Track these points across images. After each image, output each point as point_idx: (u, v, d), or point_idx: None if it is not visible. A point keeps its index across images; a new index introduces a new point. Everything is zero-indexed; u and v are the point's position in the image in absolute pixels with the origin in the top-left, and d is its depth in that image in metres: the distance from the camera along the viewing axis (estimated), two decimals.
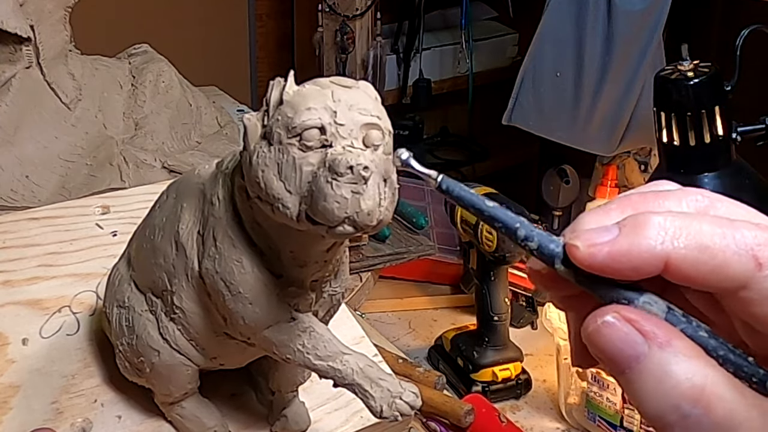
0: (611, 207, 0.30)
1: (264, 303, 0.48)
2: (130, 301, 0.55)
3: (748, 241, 0.27)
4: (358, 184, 0.41)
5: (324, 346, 0.49)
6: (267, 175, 0.42)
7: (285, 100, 0.43)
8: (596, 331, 0.28)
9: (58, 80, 1.09)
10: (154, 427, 0.59)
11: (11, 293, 0.64)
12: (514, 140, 1.85)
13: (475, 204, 0.32)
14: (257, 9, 1.91)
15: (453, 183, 0.33)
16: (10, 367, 0.60)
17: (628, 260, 0.28)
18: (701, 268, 0.28)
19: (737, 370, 0.28)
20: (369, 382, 0.48)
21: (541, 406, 1.10)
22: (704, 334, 0.28)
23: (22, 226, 0.68)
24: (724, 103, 0.93)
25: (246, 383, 0.63)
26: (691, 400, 0.27)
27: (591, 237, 0.29)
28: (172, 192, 0.53)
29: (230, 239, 0.47)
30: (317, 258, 0.48)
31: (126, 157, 1.10)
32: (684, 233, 0.28)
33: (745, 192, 0.95)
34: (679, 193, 0.31)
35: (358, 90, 0.44)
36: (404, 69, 1.83)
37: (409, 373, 1.02)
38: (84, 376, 0.60)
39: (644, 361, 0.28)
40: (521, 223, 0.31)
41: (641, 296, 0.29)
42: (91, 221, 0.58)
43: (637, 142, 1.38)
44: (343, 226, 0.41)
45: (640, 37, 1.27)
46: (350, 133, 0.42)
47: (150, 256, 0.53)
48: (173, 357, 0.54)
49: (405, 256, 1.22)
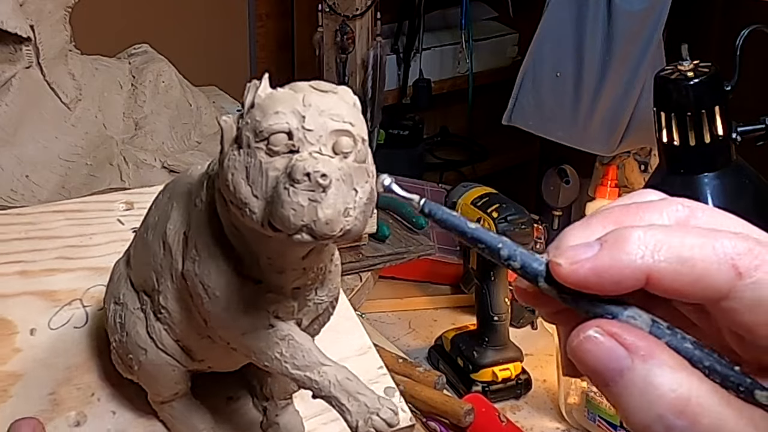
0: (593, 221, 0.31)
1: (240, 308, 0.47)
2: (124, 298, 0.55)
3: (727, 250, 0.28)
4: (315, 191, 0.39)
5: (302, 356, 0.48)
6: (236, 179, 0.42)
7: (256, 103, 0.43)
8: (579, 346, 0.29)
9: (58, 80, 1.09)
10: (146, 425, 0.59)
11: (27, 283, 0.64)
12: (514, 140, 1.86)
13: (457, 226, 0.33)
14: (257, 9, 1.91)
15: (435, 206, 0.34)
16: (15, 355, 0.60)
17: (610, 275, 0.28)
18: (682, 280, 0.28)
19: (724, 380, 0.28)
20: (346, 395, 0.47)
21: (541, 406, 1.10)
22: (689, 346, 0.29)
23: (47, 218, 0.69)
24: (724, 103, 0.93)
25: (243, 387, 0.63)
26: (675, 412, 0.27)
27: (573, 254, 0.29)
28: (167, 191, 0.53)
29: (209, 242, 0.47)
30: (295, 265, 0.47)
31: (126, 157, 1.10)
32: (664, 246, 0.28)
33: (745, 192, 0.95)
34: (661, 204, 0.31)
35: (334, 95, 0.43)
36: (404, 69, 1.83)
37: (409, 373, 1.02)
38: (84, 369, 0.61)
39: (628, 374, 0.28)
40: (504, 243, 0.31)
41: (625, 310, 0.29)
42: (114, 217, 0.58)
43: (637, 142, 1.38)
44: (301, 234, 0.40)
45: (640, 37, 1.27)
46: (319, 139, 0.41)
47: (142, 254, 0.53)
48: (159, 356, 0.54)
49: (405, 256, 1.22)
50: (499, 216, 1.09)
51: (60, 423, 0.58)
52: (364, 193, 0.42)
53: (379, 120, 1.70)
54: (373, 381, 0.63)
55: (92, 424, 0.58)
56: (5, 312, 0.62)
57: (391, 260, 1.21)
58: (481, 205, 1.13)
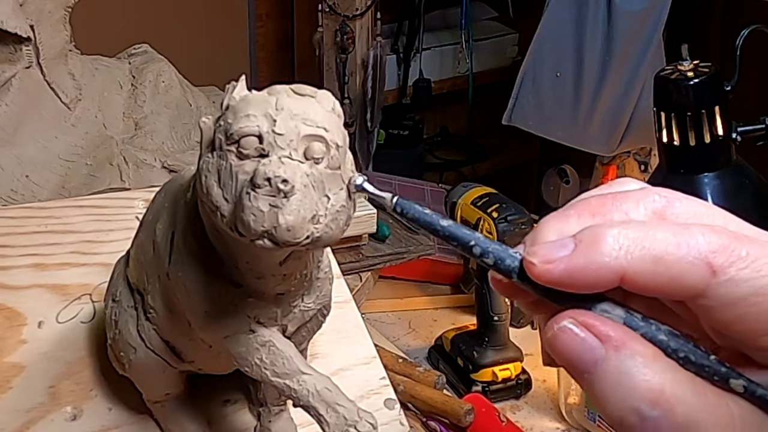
0: (570, 213, 0.31)
1: (221, 312, 0.47)
2: (120, 296, 0.55)
3: (701, 248, 0.28)
4: (276, 197, 0.39)
5: (283, 363, 0.47)
6: (209, 181, 0.41)
7: (230, 105, 0.42)
8: (554, 337, 0.29)
9: (58, 80, 1.09)
10: (141, 424, 0.59)
11: (40, 276, 0.65)
12: (514, 140, 1.86)
13: (430, 224, 0.32)
14: (257, 9, 1.92)
15: (407, 204, 0.33)
16: (20, 347, 0.61)
17: (583, 276, 0.28)
18: (657, 279, 0.28)
19: (699, 369, 0.28)
20: (325, 406, 0.46)
21: (541, 406, 1.10)
22: (664, 337, 0.29)
23: (66, 212, 0.69)
24: (724, 103, 0.93)
25: (241, 391, 0.63)
26: (650, 402, 0.27)
27: (546, 253, 0.29)
28: (163, 191, 0.53)
29: (192, 243, 0.46)
30: (273, 271, 0.46)
31: (126, 157, 1.10)
32: (638, 245, 0.28)
33: (745, 192, 0.95)
34: (638, 194, 0.31)
35: (310, 99, 0.42)
36: (404, 69, 1.83)
37: (409, 373, 1.02)
38: (85, 364, 0.61)
39: (602, 364, 0.28)
40: (476, 240, 0.31)
41: (599, 304, 0.29)
42: (133, 214, 0.58)
43: (637, 142, 1.38)
44: (262, 240, 0.39)
45: (640, 37, 1.27)
46: (289, 144, 0.40)
47: (137, 253, 0.53)
48: (148, 356, 0.54)
49: (405, 256, 1.22)
50: (499, 216, 1.09)
51: (56, 417, 0.58)
52: (337, 199, 0.41)
53: (379, 120, 1.70)
54: (375, 391, 0.63)
55: (88, 420, 0.59)
56: (16, 303, 0.63)
57: (391, 260, 1.21)
58: (481, 205, 1.13)
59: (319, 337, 0.64)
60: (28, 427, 0.57)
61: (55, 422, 0.58)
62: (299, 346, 0.52)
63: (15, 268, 0.65)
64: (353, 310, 0.68)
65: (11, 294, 0.63)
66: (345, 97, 1.67)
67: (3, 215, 0.69)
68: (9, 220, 0.69)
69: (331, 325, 0.64)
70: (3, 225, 0.68)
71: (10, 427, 0.57)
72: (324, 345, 0.64)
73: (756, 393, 0.28)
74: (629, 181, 0.32)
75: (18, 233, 0.67)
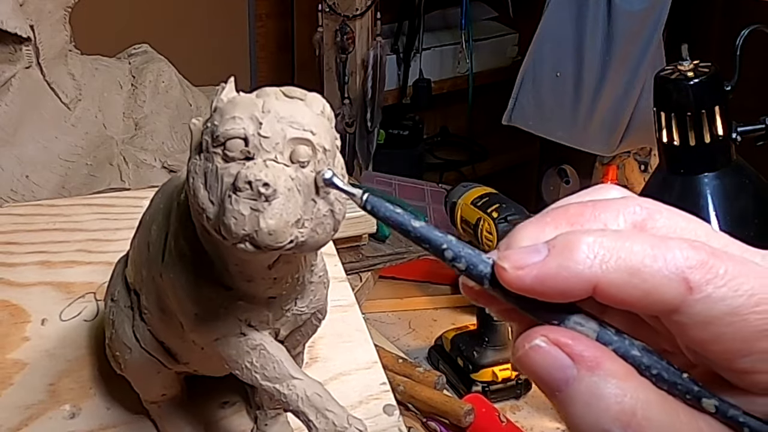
0: (546, 220, 0.30)
1: (210, 314, 0.47)
2: (118, 296, 0.55)
3: (679, 263, 0.27)
4: (257, 200, 0.38)
5: (273, 367, 0.47)
6: (196, 183, 0.41)
7: (217, 107, 0.42)
8: (525, 356, 0.28)
9: (58, 80, 1.09)
10: (138, 424, 0.59)
11: (46, 274, 0.65)
12: (514, 140, 1.86)
13: (401, 224, 0.31)
14: (257, 9, 1.92)
15: (378, 202, 0.32)
16: (23, 344, 0.61)
17: (555, 284, 0.27)
18: (631, 292, 0.27)
19: (671, 387, 0.28)
20: (314, 411, 0.46)
21: (541, 406, 1.10)
22: (637, 353, 0.28)
23: (75, 210, 0.70)
24: (724, 103, 0.93)
25: (239, 394, 0.63)
26: (621, 425, 0.27)
27: (519, 258, 0.28)
28: (160, 192, 0.53)
29: (183, 245, 0.46)
30: (263, 274, 0.45)
31: (126, 157, 1.10)
32: (614, 256, 0.27)
33: (745, 192, 0.95)
34: (618, 203, 0.29)
35: (299, 102, 0.41)
36: (404, 69, 1.83)
37: (409, 373, 1.02)
38: (86, 363, 0.61)
39: (573, 384, 0.27)
40: (448, 244, 0.30)
41: (572, 315, 0.28)
42: (139, 213, 0.59)
43: (637, 142, 1.38)
44: (244, 243, 0.39)
45: (640, 37, 1.27)
46: (275, 147, 0.39)
47: (134, 253, 0.54)
48: (143, 356, 0.54)
49: (405, 256, 1.22)
50: (499, 216, 1.09)
51: (55, 414, 0.58)
52: (324, 204, 0.40)
53: (379, 120, 1.71)
54: (375, 397, 0.63)
55: (86, 418, 0.59)
56: (21, 301, 0.63)
57: (391, 260, 1.21)
58: (481, 205, 1.13)
59: (320, 340, 0.64)
60: (26, 424, 0.57)
61: (54, 420, 0.58)
62: (293, 350, 0.52)
63: (22, 265, 0.65)
64: (356, 314, 0.67)
65: (17, 291, 0.64)
66: (345, 97, 1.67)
67: (12, 212, 0.70)
68: (18, 217, 0.69)
69: (333, 329, 0.64)
70: (12, 222, 0.69)
71: (9, 424, 0.57)
72: (325, 348, 0.64)
73: (727, 413, 0.27)
74: (611, 188, 0.31)
75: (26, 230, 0.68)
